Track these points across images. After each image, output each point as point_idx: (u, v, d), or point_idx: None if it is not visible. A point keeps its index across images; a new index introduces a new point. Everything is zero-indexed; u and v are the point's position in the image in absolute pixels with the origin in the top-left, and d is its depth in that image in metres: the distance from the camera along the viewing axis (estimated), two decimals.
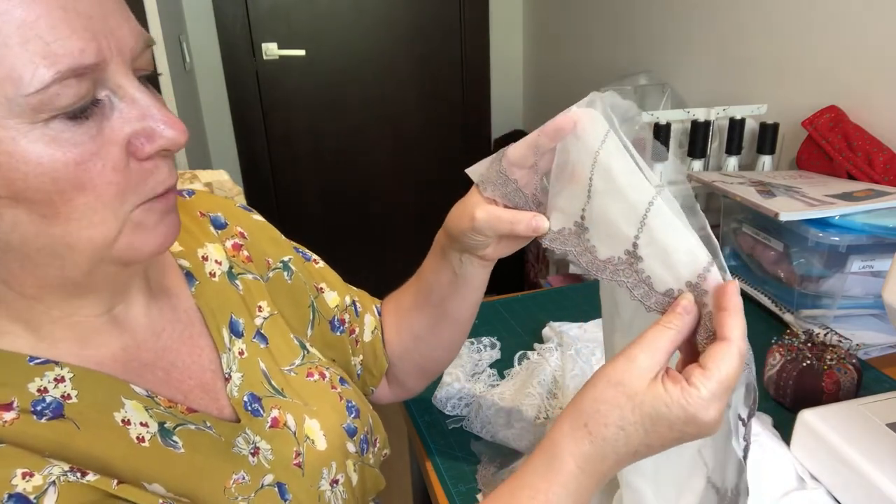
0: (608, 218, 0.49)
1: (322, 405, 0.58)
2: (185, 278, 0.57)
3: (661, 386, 0.42)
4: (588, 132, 0.51)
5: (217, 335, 0.56)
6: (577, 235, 0.52)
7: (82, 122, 0.38)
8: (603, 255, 0.50)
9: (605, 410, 0.42)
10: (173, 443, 0.46)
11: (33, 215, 0.39)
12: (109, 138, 0.39)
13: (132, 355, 0.50)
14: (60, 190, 0.38)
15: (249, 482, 0.49)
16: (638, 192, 0.48)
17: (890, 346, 0.91)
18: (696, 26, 1.56)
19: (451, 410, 0.82)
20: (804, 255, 0.94)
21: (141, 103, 0.41)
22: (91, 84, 0.38)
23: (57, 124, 0.37)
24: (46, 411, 0.42)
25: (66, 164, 0.38)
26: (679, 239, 0.47)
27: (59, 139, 0.37)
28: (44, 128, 0.37)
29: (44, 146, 0.37)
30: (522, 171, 0.54)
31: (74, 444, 0.42)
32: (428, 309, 0.68)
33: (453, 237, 0.60)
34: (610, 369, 0.43)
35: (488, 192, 0.55)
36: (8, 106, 0.35)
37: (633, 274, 0.48)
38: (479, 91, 2.62)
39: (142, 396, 0.47)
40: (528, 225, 0.53)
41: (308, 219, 2.64)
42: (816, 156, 1.12)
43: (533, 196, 0.55)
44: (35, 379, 0.43)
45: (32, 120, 0.36)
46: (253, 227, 0.65)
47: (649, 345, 0.43)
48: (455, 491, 0.70)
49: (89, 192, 0.39)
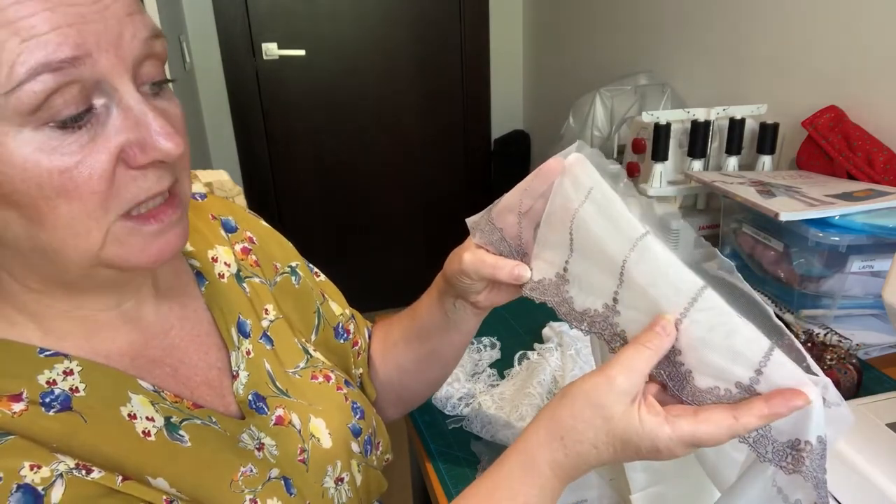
0: (588, 271, 0.50)
1: (327, 405, 0.59)
2: (196, 278, 0.58)
3: (636, 414, 0.43)
4: (576, 180, 0.51)
5: (226, 334, 0.56)
6: (557, 287, 0.52)
7: (74, 131, 0.37)
8: (580, 307, 0.51)
9: (581, 429, 0.44)
10: (180, 437, 0.47)
11: (22, 218, 0.39)
12: (100, 146, 0.39)
13: (140, 351, 0.50)
14: (46, 196, 0.38)
15: (257, 474, 0.50)
16: (617, 244, 0.47)
17: (890, 346, 0.91)
18: (696, 26, 1.56)
19: (451, 410, 0.82)
20: (804, 255, 0.94)
21: (136, 112, 0.40)
22: (82, 91, 0.37)
23: (47, 131, 0.37)
24: (55, 403, 0.42)
25: (50, 171, 0.37)
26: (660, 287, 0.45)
27: (46, 146, 0.37)
28: (33, 133, 0.36)
29: (31, 152, 0.37)
30: (512, 218, 0.54)
31: (81, 437, 0.42)
32: (416, 344, 0.69)
33: (447, 280, 0.61)
34: (590, 388, 0.44)
35: (476, 239, 0.57)
36: None
37: (608, 327, 0.49)
38: (479, 91, 2.62)
39: (148, 391, 0.47)
40: (510, 273, 0.54)
41: (308, 218, 2.64)
42: (816, 156, 1.12)
43: (518, 245, 0.55)
44: (44, 371, 0.43)
45: (20, 124, 0.36)
46: (262, 233, 0.66)
47: (628, 365, 0.43)
48: (455, 491, 0.70)
49: (74, 201, 0.38)
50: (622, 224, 0.47)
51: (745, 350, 0.42)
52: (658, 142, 1.24)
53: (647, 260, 0.45)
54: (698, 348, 0.43)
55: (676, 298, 0.44)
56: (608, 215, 0.48)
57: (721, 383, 0.43)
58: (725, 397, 0.43)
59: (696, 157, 1.23)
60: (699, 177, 1.13)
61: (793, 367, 0.41)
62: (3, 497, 0.36)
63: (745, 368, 0.42)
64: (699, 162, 1.24)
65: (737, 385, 0.42)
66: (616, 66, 1.91)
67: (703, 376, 0.44)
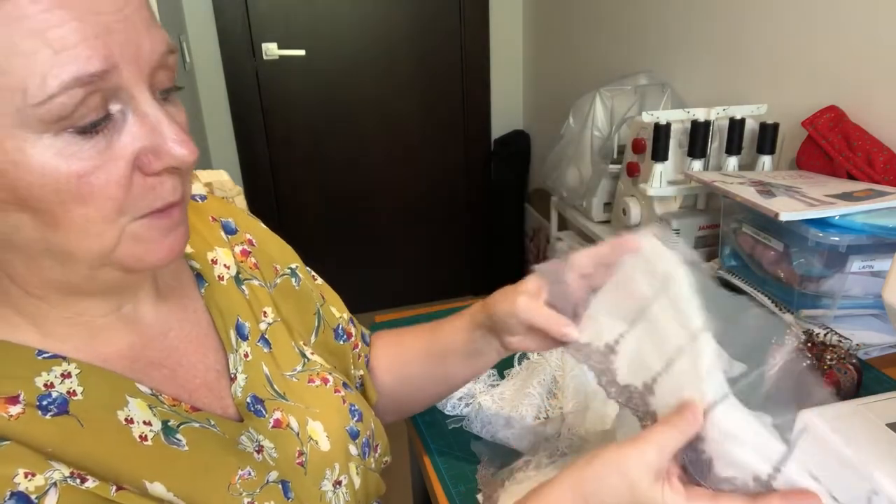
0: (642, 350, 0.52)
1: (325, 408, 0.59)
2: (196, 279, 0.58)
3: (660, 489, 0.45)
4: (652, 266, 0.54)
5: (225, 336, 0.56)
6: (604, 355, 0.55)
7: (91, 137, 0.38)
8: (622, 381, 0.53)
9: (606, 493, 0.47)
10: (177, 441, 0.47)
11: (36, 222, 0.39)
12: (117, 153, 0.39)
13: (139, 353, 0.50)
14: (62, 201, 0.38)
15: (255, 478, 0.50)
16: (675, 337, 0.50)
17: (890, 346, 0.91)
18: (696, 26, 1.56)
19: (451, 410, 0.82)
20: (804, 255, 0.94)
21: (152, 119, 0.40)
22: (102, 98, 0.38)
23: (66, 136, 0.37)
24: (52, 407, 0.42)
25: (69, 176, 0.38)
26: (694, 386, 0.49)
27: (65, 152, 0.37)
28: (52, 139, 0.37)
29: (50, 157, 0.37)
30: (573, 276, 0.57)
31: (76, 442, 0.42)
32: (431, 364, 0.71)
33: (489, 314, 0.63)
34: (620, 457, 0.47)
35: (536, 276, 0.60)
36: (17, 116, 0.36)
37: (643, 405, 0.52)
38: (479, 91, 2.62)
39: (146, 395, 0.47)
40: (560, 330, 0.56)
41: (308, 218, 2.64)
42: (816, 156, 1.12)
43: (574, 305, 0.58)
44: (42, 373, 0.43)
45: (41, 131, 0.36)
46: (261, 235, 0.66)
47: (658, 443, 0.46)
48: (455, 491, 0.70)
49: (90, 205, 0.39)
50: (685, 318, 0.50)
51: (765, 449, 0.46)
52: (658, 142, 1.24)
53: (693, 356, 0.49)
54: (721, 441, 0.47)
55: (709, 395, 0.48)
56: (677, 308, 0.51)
57: (740, 474, 0.46)
58: (742, 488, 0.46)
59: (696, 157, 1.23)
60: (699, 177, 1.13)
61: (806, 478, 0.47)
62: None
63: (765, 464, 0.45)
64: (699, 162, 1.24)
65: (754, 478, 0.46)
66: (616, 66, 1.91)
67: (724, 465, 0.47)
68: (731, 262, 1.13)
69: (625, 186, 1.42)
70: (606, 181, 1.55)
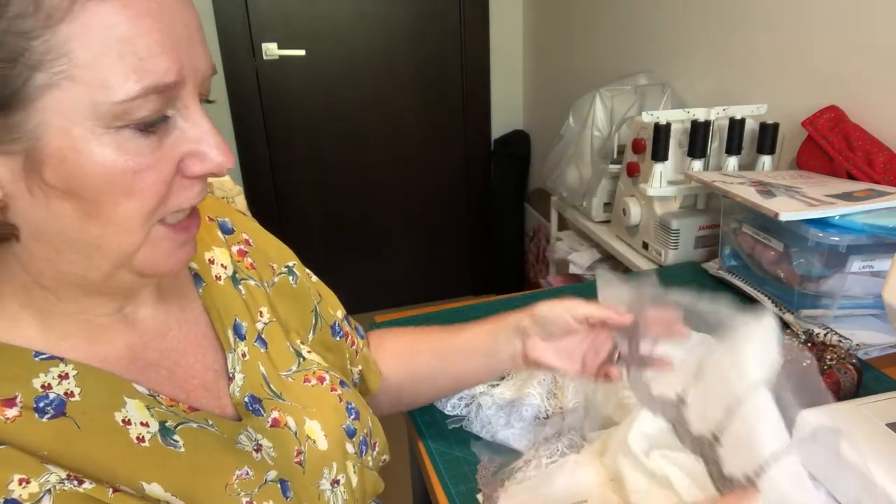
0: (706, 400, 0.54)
1: (322, 407, 0.59)
2: (193, 280, 0.58)
3: None
4: None
5: (223, 336, 0.56)
6: (676, 407, 0.58)
7: (148, 135, 0.41)
8: (696, 432, 0.55)
9: None
10: (174, 442, 0.47)
11: (78, 212, 0.41)
12: (167, 153, 0.42)
13: (137, 354, 0.50)
14: (111, 192, 0.40)
15: (253, 477, 0.50)
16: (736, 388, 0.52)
17: (890, 346, 0.91)
18: (696, 26, 1.56)
19: (451, 410, 0.82)
20: (804, 255, 0.94)
21: (201, 127, 0.43)
22: (164, 103, 0.41)
23: (127, 133, 0.39)
24: (49, 409, 0.42)
25: (125, 170, 0.40)
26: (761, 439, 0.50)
27: (125, 147, 0.40)
28: (115, 134, 0.39)
29: (111, 150, 0.39)
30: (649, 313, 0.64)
31: (73, 445, 0.42)
32: (441, 357, 0.74)
33: (533, 312, 0.69)
34: None
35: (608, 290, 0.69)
36: (92, 108, 0.38)
37: (712, 454, 0.53)
38: (479, 91, 2.62)
39: (144, 395, 0.47)
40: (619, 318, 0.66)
41: (308, 218, 2.64)
42: (816, 156, 1.12)
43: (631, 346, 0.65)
44: (40, 374, 0.43)
45: (108, 125, 0.39)
46: (258, 235, 0.66)
47: None
48: (455, 491, 0.70)
49: (135, 200, 0.41)
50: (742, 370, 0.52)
51: None
52: (658, 142, 1.24)
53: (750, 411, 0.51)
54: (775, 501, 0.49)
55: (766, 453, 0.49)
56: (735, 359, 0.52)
57: None
58: None
59: (696, 157, 1.23)
60: (699, 177, 1.13)
61: None
62: None
63: None
64: (699, 162, 1.24)
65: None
66: (616, 66, 1.91)
67: None
68: (731, 262, 1.13)
69: (625, 186, 1.42)
70: (606, 181, 1.56)
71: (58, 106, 0.37)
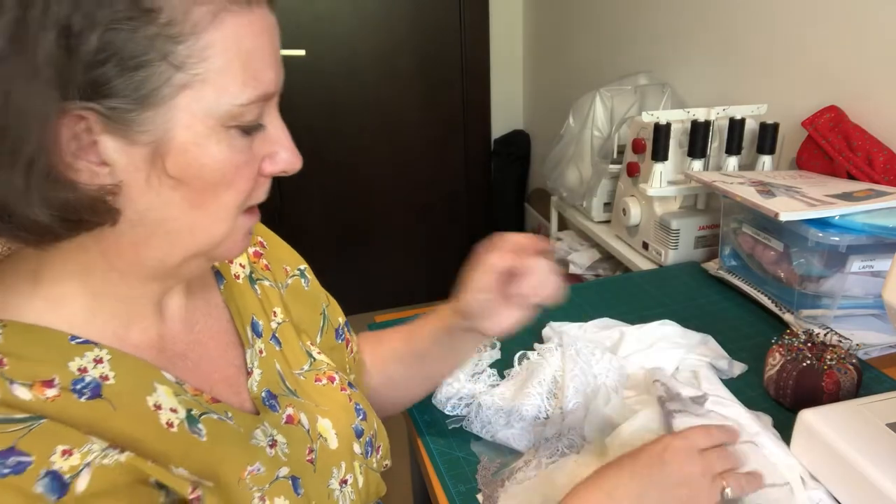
0: None
1: (333, 406, 0.61)
2: (215, 277, 0.60)
3: None
4: None
5: (242, 332, 0.59)
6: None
7: (246, 136, 0.46)
8: None
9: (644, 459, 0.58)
10: (198, 430, 0.48)
11: (185, 201, 0.44)
12: (256, 153, 0.47)
13: (167, 344, 0.52)
14: (217, 184, 0.45)
15: (264, 473, 0.51)
16: None
17: (890, 346, 0.91)
18: (696, 26, 1.56)
19: (451, 410, 0.82)
20: (804, 255, 0.94)
21: (279, 132, 0.49)
22: (263, 108, 0.46)
23: (234, 132, 0.44)
24: (86, 390, 0.44)
25: (233, 165, 0.45)
26: None
27: (233, 145, 0.45)
28: (227, 133, 0.44)
29: (224, 147, 0.44)
30: None
31: (110, 425, 0.43)
32: (412, 365, 0.75)
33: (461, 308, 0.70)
34: None
35: None
36: (215, 108, 0.42)
37: None
38: (479, 91, 2.62)
39: (171, 383, 0.49)
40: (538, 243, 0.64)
41: (308, 218, 2.64)
42: (816, 156, 1.12)
43: None
44: (75, 358, 0.45)
45: (224, 125, 0.43)
46: (271, 238, 0.70)
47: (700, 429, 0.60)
48: (455, 491, 0.70)
49: (233, 191, 0.46)
50: None
51: None
52: (658, 142, 1.24)
53: None
54: None
55: None
56: None
57: None
58: None
59: (696, 157, 1.23)
60: (699, 177, 1.13)
61: None
62: (30, 480, 0.37)
63: None
64: (699, 162, 1.24)
65: None
66: (616, 66, 1.91)
67: None
68: (731, 262, 1.13)
69: (625, 186, 1.42)
70: (606, 181, 1.55)
71: (188, 104, 0.41)
